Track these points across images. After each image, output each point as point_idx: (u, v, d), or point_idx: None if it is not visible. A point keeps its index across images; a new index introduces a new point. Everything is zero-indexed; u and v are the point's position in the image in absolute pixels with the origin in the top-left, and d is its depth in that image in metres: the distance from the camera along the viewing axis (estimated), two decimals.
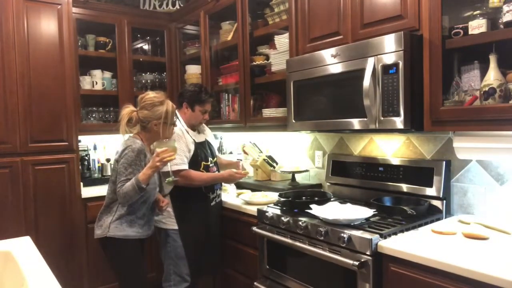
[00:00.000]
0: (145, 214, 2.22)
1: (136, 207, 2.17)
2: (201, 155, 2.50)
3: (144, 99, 2.16)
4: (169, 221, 2.42)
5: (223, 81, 3.29)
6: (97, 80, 3.48)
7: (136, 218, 2.18)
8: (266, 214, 2.24)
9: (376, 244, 1.66)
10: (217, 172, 2.61)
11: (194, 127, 2.56)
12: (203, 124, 2.67)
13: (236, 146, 3.56)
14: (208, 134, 2.70)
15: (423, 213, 1.95)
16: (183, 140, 2.40)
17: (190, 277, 2.45)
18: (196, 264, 2.47)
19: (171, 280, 2.44)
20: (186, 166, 2.38)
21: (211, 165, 2.56)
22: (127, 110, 2.16)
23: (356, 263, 1.66)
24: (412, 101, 1.80)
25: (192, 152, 2.43)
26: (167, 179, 2.17)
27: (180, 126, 2.45)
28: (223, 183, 2.75)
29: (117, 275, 2.28)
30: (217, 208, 2.61)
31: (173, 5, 3.89)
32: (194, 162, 2.43)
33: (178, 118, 2.50)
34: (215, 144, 2.78)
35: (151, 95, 2.17)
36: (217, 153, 2.77)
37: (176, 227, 2.41)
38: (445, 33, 1.75)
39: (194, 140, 2.48)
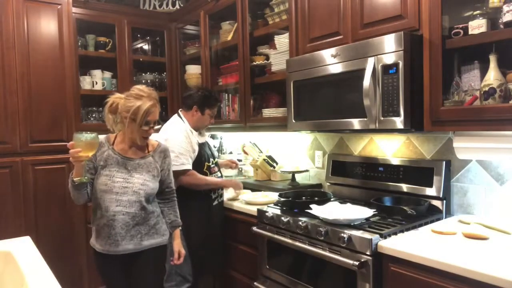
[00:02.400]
0: (106, 225, 1.90)
1: (96, 213, 1.96)
2: (205, 155, 2.53)
3: (132, 88, 1.96)
4: None
5: (223, 81, 3.29)
6: (97, 80, 3.48)
7: (98, 226, 1.94)
8: (266, 214, 2.24)
9: (376, 244, 1.66)
10: (218, 172, 2.65)
11: (199, 129, 2.58)
12: None
13: (236, 146, 3.56)
14: (207, 136, 2.72)
15: (423, 213, 1.95)
16: (188, 140, 2.42)
17: (192, 277, 2.45)
18: (199, 264, 2.47)
19: (173, 280, 2.43)
20: (190, 167, 2.40)
21: (212, 165, 2.59)
22: (114, 96, 1.98)
23: (356, 263, 1.66)
24: (412, 101, 1.80)
25: (196, 153, 2.45)
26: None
27: (185, 127, 2.47)
28: None
29: None
30: (219, 208, 2.62)
31: (173, 5, 3.89)
32: (198, 163, 2.45)
33: (182, 119, 2.51)
34: (215, 145, 2.80)
35: (139, 87, 1.96)
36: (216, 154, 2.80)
37: None
38: (445, 33, 1.75)
39: (197, 140, 2.51)
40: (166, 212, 2.12)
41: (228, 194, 2.80)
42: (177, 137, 2.39)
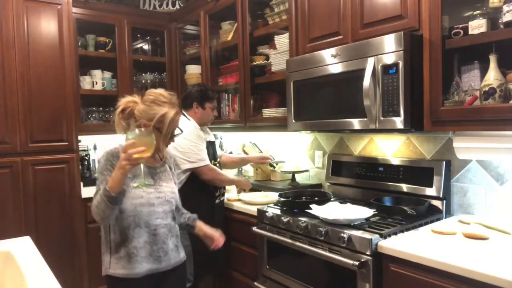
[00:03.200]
0: (148, 242, 1.69)
1: (128, 233, 1.67)
2: (211, 154, 2.55)
3: (149, 93, 1.75)
4: None
5: (223, 81, 3.29)
6: (97, 80, 3.48)
7: (135, 249, 1.66)
8: (266, 214, 2.24)
9: (376, 244, 1.66)
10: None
11: (204, 126, 2.61)
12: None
13: (236, 146, 3.56)
14: (211, 135, 2.72)
15: (423, 213, 1.95)
16: (200, 136, 2.46)
17: (193, 277, 2.45)
18: (201, 263, 2.47)
19: None
20: (209, 161, 2.45)
21: (217, 165, 2.60)
22: (125, 99, 1.75)
23: (356, 263, 1.66)
24: (412, 101, 1.80)
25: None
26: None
27: (194, 124, 2.49)
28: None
29: None
30: (221, 207, 2.63)
31: (173, 5, 3.89)
32: None
33: (188, 119, 2.51)
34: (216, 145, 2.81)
35: (160, 91, 1.76)
36: (219, 152, 2.81)
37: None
38: (445, 33, 1.75)
39: (206, 138, 2.54)
40: (179, 215, 1.94)
41: (230, 194, 2.80)
42: (192, 134, 2.43)
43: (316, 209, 1.99)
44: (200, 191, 2.46)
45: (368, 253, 1.67)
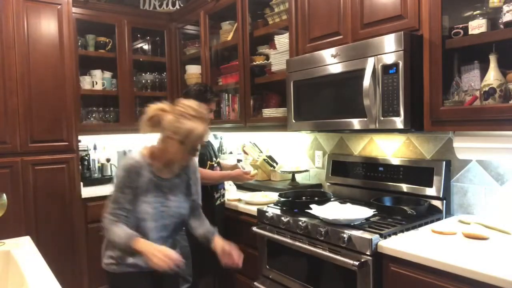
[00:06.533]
0: (154, 240, 1.70)
1: None
2: (207, 154, 2.53)
3: (179, 104, 1.68)
4: None
5: (223, 81, 3.29)
6: (97, 80, 3.48)
7: (134, 254, 1.69)
8: (266, 214, 2.24)
9: (376, 244, 1.66)
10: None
11: None
12: None
13: (236, 146, 3.56)
14: (210, 135, 2.71)
15: (423, 213, 1.95)
16: None
17: (192, 277, 2.45)
18: (200, 264, 2.47)
19: None
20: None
21: (215, 165, 2.58)
22: (155, 106, 1.68)
23: (356, 263, 1.66)
24: (412, 101, 1.80)
25: (198, 152, 2.45)
26: None
27: None
28: (225, 184, 2.76)
29: None
30: (221, 208, 2.62)
31: (173, 5, 3.89)
32: (201, 162, 2.44)
33: None
34: (215, 145, 2.79)
35: (190, 103, 1.68)
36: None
37: None
38: (445, 33, 1.75)
39: None
40: (198, 225, 1.91)
41: (229, 194, 2.80)
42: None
43: (316, 209, 1.99)
44: None
45: (368, 253, 1.67)
